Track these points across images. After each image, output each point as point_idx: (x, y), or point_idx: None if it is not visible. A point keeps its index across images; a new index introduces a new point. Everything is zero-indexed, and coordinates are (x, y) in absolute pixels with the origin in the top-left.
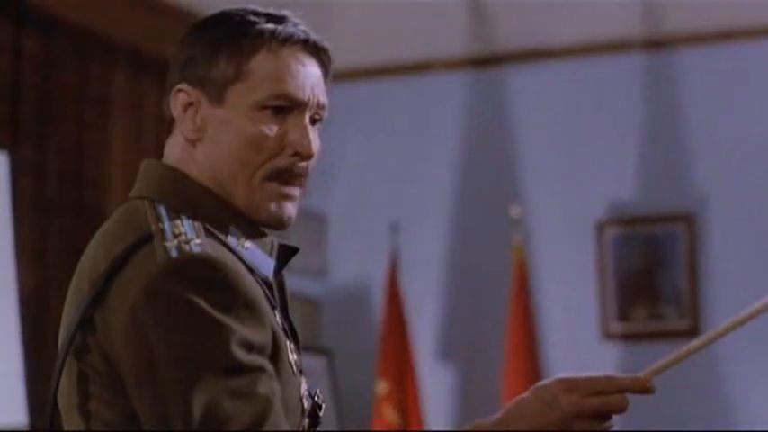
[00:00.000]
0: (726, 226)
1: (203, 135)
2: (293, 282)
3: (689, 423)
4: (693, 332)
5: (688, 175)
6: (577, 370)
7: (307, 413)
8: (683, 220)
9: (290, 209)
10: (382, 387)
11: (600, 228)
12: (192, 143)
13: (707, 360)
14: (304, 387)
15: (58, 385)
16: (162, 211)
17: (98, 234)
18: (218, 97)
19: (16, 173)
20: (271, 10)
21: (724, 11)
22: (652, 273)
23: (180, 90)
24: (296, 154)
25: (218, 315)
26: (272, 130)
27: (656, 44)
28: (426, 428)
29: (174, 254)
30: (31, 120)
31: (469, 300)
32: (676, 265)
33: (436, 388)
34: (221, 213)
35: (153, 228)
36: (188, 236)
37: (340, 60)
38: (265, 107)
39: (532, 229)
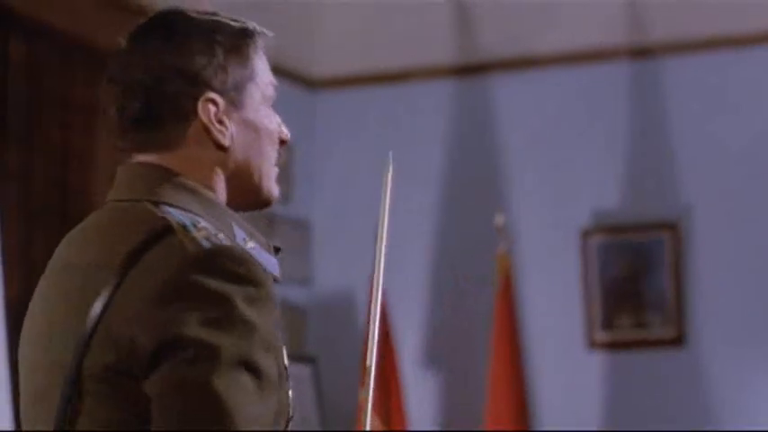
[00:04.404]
0: (710, 234)
1: (232, 139)
2: (278, 289)
3: (674, 423)
4: (679, 340)
5: (673, 182)
6: (562, 378)
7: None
8: (667, 227)
9: None
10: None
11: (585, 236)
12: (223, 149)
13: (693, 360)
14: (291, 394)
15: (69, 397)
16: (171, 210)
17: (89, 236)
18: (239, 100)
19: (2, 179)
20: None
21: (709, 19)
22: (637, 281)
23: (208, 99)
24: (283, 141)
25: (247, 310)
26: (273, 121)
27: (641, 53)
28: None
29: (205, 244)
30: (17, 126)
31: (454, 308)
32: (661, 273)
33: (420, 396)
34: (224, 215)
35: (172, 222)
36: (211, 230)
37: (325, 68)
38: (268, 100)
39: (517, 237)
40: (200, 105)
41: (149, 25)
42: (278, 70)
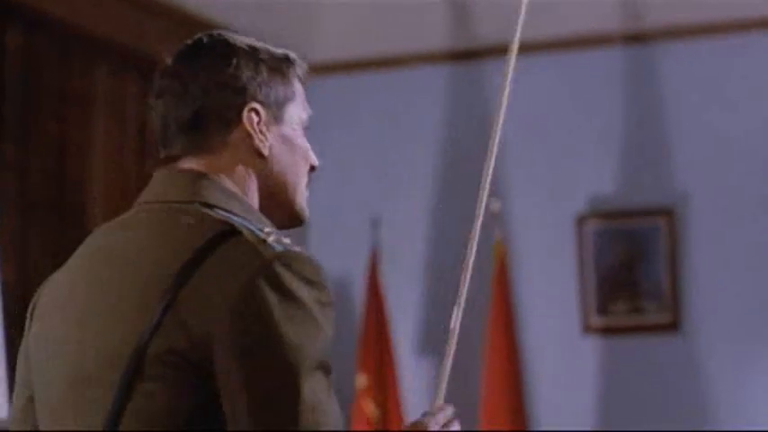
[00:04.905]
0: (706, 220)
1: (270, 150)
2: None
3: (669, 407)
4: (674, 326)
5: (668, 169)
6: (558, 364)
7: None
8: (663, 214)
9: None
10: (362, 381)
11: (580, 222)
12: (262, 157)
13: (688, 346)
14: None
15: (123, 400)
16: (225, 213)
17: (142, 234)
18: (279, 115)
19: None
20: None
21: (705, 5)
22: (632, 267)
23: (252, 109)
24: (312, 167)
25: (319, 313)
26: (307, 144)
27: (636, 38)
28: (405, 422)
29: (278, 248)
30: (14, 117)
31: (449, 294)
32: (657, 259)
33: (416, 382)
34: (262, 222)
35: (235, 224)
36: (276, 235)
37: (320, 55)
38: (303, 124)
39: (513, 223)
40: (244, 113)
41: (197, 45)
42: None
